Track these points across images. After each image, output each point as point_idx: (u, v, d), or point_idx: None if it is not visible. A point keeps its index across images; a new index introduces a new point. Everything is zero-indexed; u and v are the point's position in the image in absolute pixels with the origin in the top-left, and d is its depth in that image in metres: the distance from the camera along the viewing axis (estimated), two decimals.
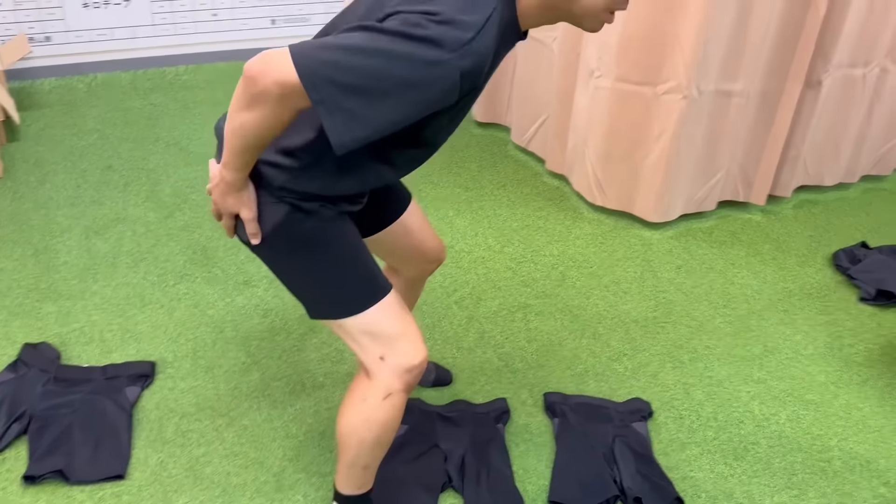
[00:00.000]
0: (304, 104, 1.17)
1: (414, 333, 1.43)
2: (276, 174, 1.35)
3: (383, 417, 1.42)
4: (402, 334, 1.42)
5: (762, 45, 2.63)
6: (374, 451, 1.48)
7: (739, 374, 2.18)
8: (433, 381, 2.06)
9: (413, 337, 1.43)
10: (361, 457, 1.48)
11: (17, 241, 2.55)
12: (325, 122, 1.15)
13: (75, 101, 3.59)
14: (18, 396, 1.92)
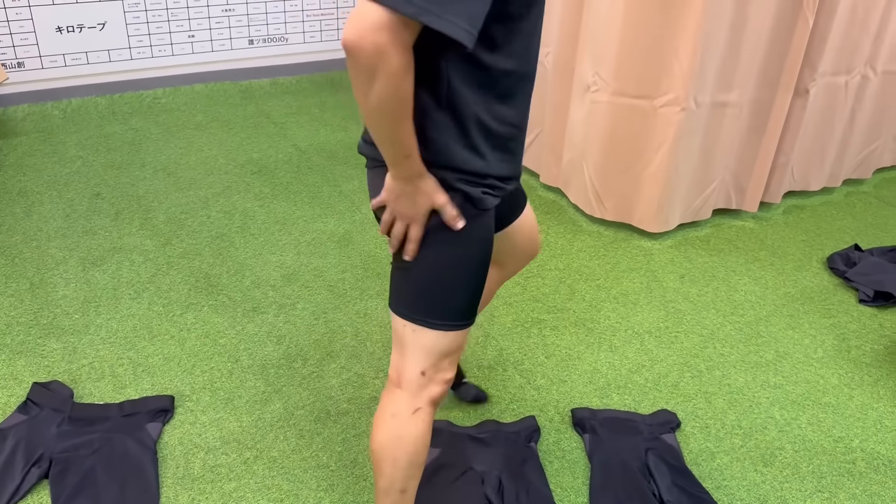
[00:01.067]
0: (411, 32, 1.08)
1: (454, 360, 1.40)
2: (435, 155, 1.25)
3: (414, 433, 1.37)
4: (454, 353, 1.39)
5: (755, 56, 2.69)
6: (408, 472, 1.42)
7: (756, 380, 2.22)
8: (473, 396, 2.04)
9: (457, 357, 1.40)
10: (397, 479, 1.42)
11: (11, 275, 2.46)
12: (439, 24, 1.05)
13: (52, 127, 3.49)
14: (33, 439, 1.84)
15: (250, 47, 4.04)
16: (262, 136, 3.54)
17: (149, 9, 3.69)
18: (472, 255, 1.33)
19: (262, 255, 2.64)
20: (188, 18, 3.81)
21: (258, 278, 2.52)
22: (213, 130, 3.57)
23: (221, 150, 3.38)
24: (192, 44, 3.89)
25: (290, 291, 2.46)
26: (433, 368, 1.36)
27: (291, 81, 4.11)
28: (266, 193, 3.05)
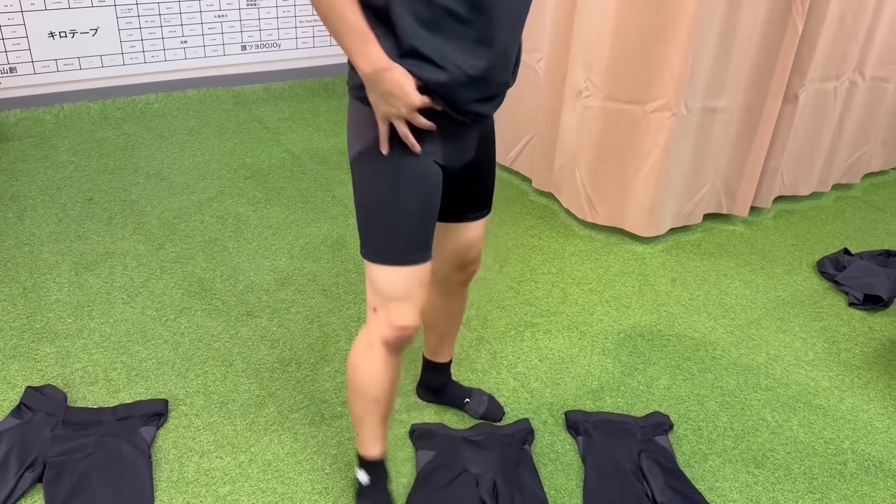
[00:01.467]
0: None
1: (412, 305, 1.45)
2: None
3: (365, 364, 1.50)
4: (401, 299, 1.44)
5: (744, 62, 2.72)
6: (360, 402, 1.55)
7: (748, 382, 2.23)
8: (482, 413, 2.01)
9: (409, 306, 1.44)
10: (353, 405, 1.57)
11: (4, 279, 2.46)
12: None
13: (44, 132, 3.48)
14: (27, 442, 1.84)
15: (243, 53, 4.04)
16: (255, 142, 3.55)
17: (141, 14, 3.70)
18: (401, 190, 1.37)
19: (255, 260, 2.64)
20: (181, 24, 3.82)
21: (251, 283, 2.52)
22: (206, 136, 3.57)
23: (214, 156, 3.38)
24: (185, 49, 3.89)
25: (283, 296, 2.47)
26: (383, 309, 1.45)
27: (284, 87, 4.12)
28: (259, 198, 3.05)
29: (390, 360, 1.50)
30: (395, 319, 1.44)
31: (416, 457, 1.88)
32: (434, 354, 1.98)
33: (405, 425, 1.98)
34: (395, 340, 1.47)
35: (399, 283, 1.43)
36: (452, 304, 1.85)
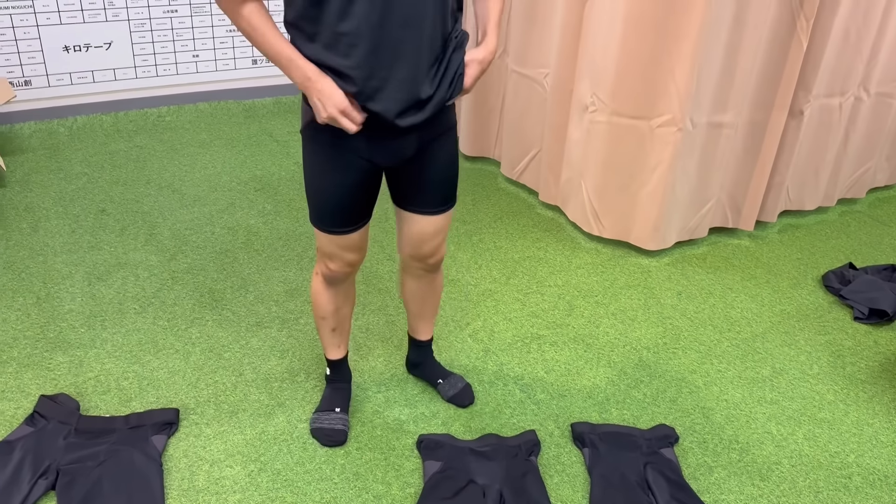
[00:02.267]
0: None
1: (338, 259, 1.78)
2: None
3: (313, 288, 1.91)
4: (327, 255, 1.78)
5: (750, 77, 2.75)
6: (314, 317, 1.96)
7: (753, 395, 2.25)
8: (450, 396, 2.12)
9: (335, 260, 1.78)
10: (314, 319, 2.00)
11: (18, 289, 2.49)
12: None
13: (58, 144, 3.53)
14: (40, 450, 1.87)
15: (254, 67, 4.10)
16: (265, 154, 3.59)
17: (154, 29, 3.75)
18: (323, 174, 1.67)
19: (265, 271, 2.67)
20: (193, 38, 3.87)
21: (262, 293, 2.56)
22: (217, 148, 3.62)
23: (225, 168, 3.43)
24: (197, 63, 3.95)
25: (292, 306, 2.50)
26: (319, 252, 1.81)
27: (294, 100, 4.16)
28: (269, 210, 3.09)
29: (328, 289, 1.87)
30: (326, 264, 1.81)
31: (423, 467, 1.90)
32: (413, 331, 2.15)
33: (413, 436, 2.01)
34: (328, 276, 1.83)
35: (325, 242, 1.76)
36: (421, 288, 2.00)
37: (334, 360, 2.04)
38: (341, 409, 2.02)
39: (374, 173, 1.70)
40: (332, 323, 1.95)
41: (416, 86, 1.55)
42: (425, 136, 1.67)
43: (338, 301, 1.91)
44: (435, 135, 1.69)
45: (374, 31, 1.47)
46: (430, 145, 1.70)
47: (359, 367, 2.24)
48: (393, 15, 1.46)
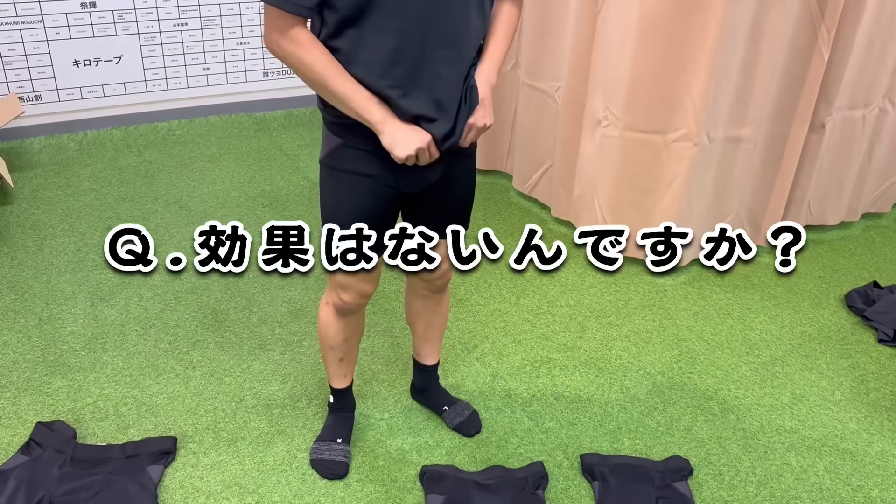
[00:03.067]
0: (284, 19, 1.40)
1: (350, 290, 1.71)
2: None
3: (321, 317, 1.84)
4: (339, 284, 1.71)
5: (768, 90, 2.66)
6: (321, 346, 1.89)
7: (772, 424, 2.16)
8: (456, 425, 2.05)
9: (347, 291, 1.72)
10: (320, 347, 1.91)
11: (20, 310, 2.47)
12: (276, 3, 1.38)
13: (67, 160, 3.52)
14: (35, 481, 1.83)
15: (265, 80, 4.06)
16: (275, 169, 3.55)
17: (164, 42, 3.73)
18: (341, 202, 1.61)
19: (270, 291, 2.63)
20: (203, 52, 3.85)
21: (265, 314, 2.51)
22: (227, 163, 3.58)
23: (234, 183, 3.39)
24: (208, 76, 3.92)
25: (296, 328, 2.44)
26: (332, 283, 1.75)
27: (305, 113, 4.13)
28: None
29: (339, 320, 1.81)
30: (339, 295, 1.74)
31: (425, 501, 1.84)
32: (418, 355, 2.08)
33: (415, 466, 1.94)
34: (340, 308, 1.77)
35: (340, 275, 1.68)
36: (427, 308, 1.95)
37: (339, 388, 1.98)
38: (343, 440, 1.96)
39: (397, 201, 1.66)
40: (340, 353, 1.89)
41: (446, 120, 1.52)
42: (450, 161, 1.63)
43: (347, 332, 1.85)
44: (459, 158, 1.67)
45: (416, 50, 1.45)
46: (454, 169, 1.66)
47: (362, 392, 2.18)
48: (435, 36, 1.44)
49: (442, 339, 2.07)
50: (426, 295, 1.92)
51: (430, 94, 1.48)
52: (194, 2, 3.73)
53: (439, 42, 1.45)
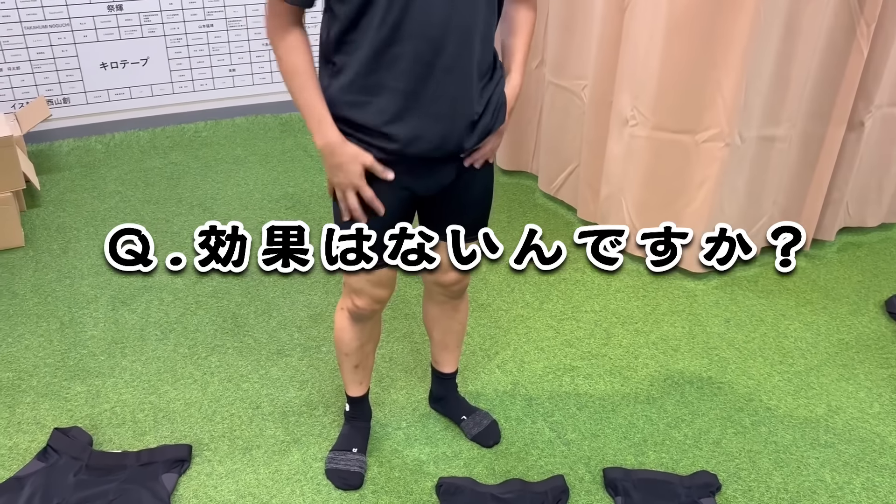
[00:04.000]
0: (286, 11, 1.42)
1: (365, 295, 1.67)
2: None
3: (337, 323, 1.80)
4: (354, 289, 1.67)
5: (804, 88, 2.56)
6: (337, 353, 1.86)
7: (805, 437, 2.07)
8: (474, 435, 2.00)
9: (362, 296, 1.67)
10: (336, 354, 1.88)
11: (42, 314, 2.47)
12: None
13: (94, 162, 3.54)
14: (50, 488, 1.82)
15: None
16: (299, 170, 3.53)
17: (190, 44, 3.74)
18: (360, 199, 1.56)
19: (289, 295, 2.60)
20: (229, 53, 3.85)
21: (285, 319, 2.48)
22: (251, 164, 3.57)
23: (258, 185, 3.38)
24: (233, 77, 3.92)
25: (315, 333, 2.41)
26: (346, 287, 1.70)
27: None
28: None
29: (354, 326, 1.77)
30: (353, 299, 1.70)
31: None
32: (436, 363, 2.03)
33: (432, 478, 1.89)
34: (354, 313, 1.72)
35: (354, 278, 1.64)
36: (444, 314, 1.91)
37: (355, 396, 1.94)
38: (358, 450, 1.92)
39: (412, 203, 1.62)
40: (355, 360, 1.85)
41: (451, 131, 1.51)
42: (464, 168, 1.61)
43: (363, 338, 1.81)
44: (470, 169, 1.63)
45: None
46: (468, 172, 1.62)
47: (380, 400, 2.14)
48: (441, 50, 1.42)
49: (461, 346, 2.02)
50: (443, 301, 1.87)
51: (442, 91, 1.44)
52: (220, 3, 3.73)
53: (450, 39, 1.40)
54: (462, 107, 1.48)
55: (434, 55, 1.41)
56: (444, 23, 1.39)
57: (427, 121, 1.46)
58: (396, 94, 1.43)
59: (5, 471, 1.88)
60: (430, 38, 1.39)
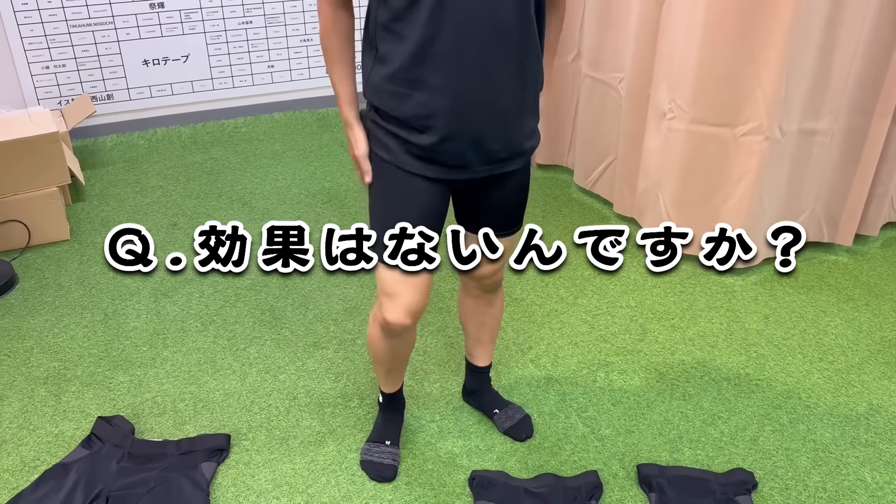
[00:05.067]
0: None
1: (400, 303, 1.59)
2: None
3: (370, 332, 1.75)
4: (389, 295, 1.60)
5: (846, 80, 2.50)
6: (371, 355, 1.82)
7: (845, 436, 2.03)
8: (506, 429, 2.01)
9: (396, 304, 1.59)
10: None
11: (87, 305, 2.54)
12: None
13: (137, 157, 3.62)
14: (94, 474, 1.87)
15: (328, 76, 4.08)
16: (335, 165, 3.56)
17: (230, 41, 3.79)
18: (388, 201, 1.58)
19: (326, 288, 2.63)
20: (268, 49, 3.89)
21: (321, 311, 2.51)
22: (289, 159, 3.62)
23: (295, 180, 3.42)
24: (272, 73, 3.96)
25: (351, 326, 2.44)
26: (379, 297, 1.64)
27: None
28: (335, 223, 3.04)
29: (386, 339, 1.70)
30: (384, 312, 1.62)
31: None
32: (470, 356, 2.04)
33: (465, 471, 1.90)
34: (384, 327, 1.66)
35: (389, 280, 1.59)
36: (479, 307, 1.90)
37: (389, 392, 1.96)
38: (392, 443, 1.94)
39: (446, 197, 1.61)
40: (387, 367, 1.84)
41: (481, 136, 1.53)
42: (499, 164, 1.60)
43: (396, 349, 1.77)
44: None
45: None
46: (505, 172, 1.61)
47: (413, 393, 2.15)
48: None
49: (495, 340, 2.02)
50: (478, 294, 1.88)
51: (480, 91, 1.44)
52: (259, 0, 3.77)
53: (486, 36, 1.40)
54: (499, 111, 1.48)
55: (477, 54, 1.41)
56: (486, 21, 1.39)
57: (462, 120, 1.46)
58: (436, 90, 1.44)
59: (52, 457, 1.94)
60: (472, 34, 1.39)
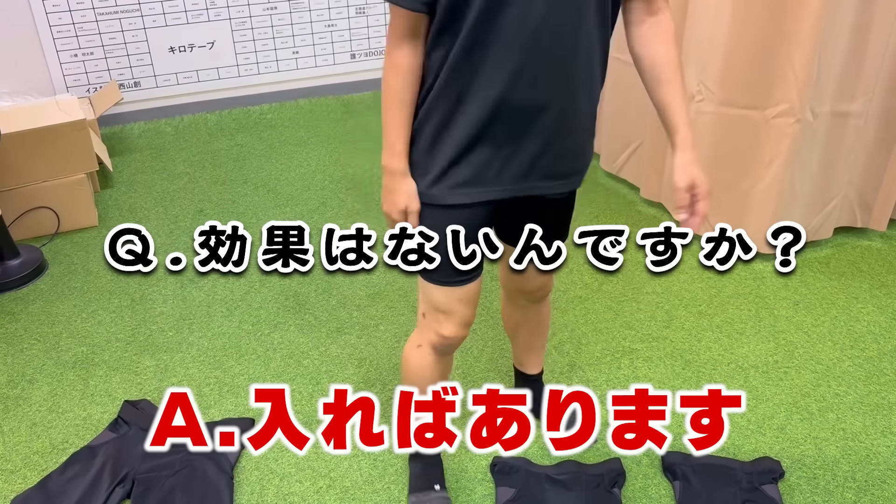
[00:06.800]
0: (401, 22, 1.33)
1: (454, 318, 1.55)
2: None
3: (414, 362, 1.66)
4: (443, 312, 1.55)
5: (882, 61, 2.43)
6: (404, 379, 1.71)
7: (876, 425, 1.98)
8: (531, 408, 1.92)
9: (451, 319, 1.55)
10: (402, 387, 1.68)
11: (115, 291, 2.57)
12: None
13: (164, 144, 3.65)
14: (120, 457, 1.90)
15: (352, 61, 4.08)
16: (359, 152, 3.56)
17: (255, 27, 3.80)
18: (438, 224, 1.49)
19: (349, 274, 2.63)
20: (292, 35, 3.89)
21: (344, 297, 2.52)
22: (313, 146, 3.62)
23: (319, 166, 3.42)
24: (297, 59, 3.97)
25: (374, 312, 2.44)
26: (431, 315, 1.58)
27: None
28: (358, 209, 3.05)
29: (438, 361, 1.65)
30: (439, 328, 1.58)
31: (496, 493, 1.79)
32: (519, 364, 2.00)
33: (486, 458, 1.90)
34: (440, 345, 1.61)
35: (441, 298, 1.55)
36: (527, 319, 1.86)
37: (420, 455, 1.81)
38: (441, 486, 1.79)
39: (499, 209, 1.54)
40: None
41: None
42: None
43: (445, 371, 1.69)
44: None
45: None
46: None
47: None
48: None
49: (545, 346, 1.97)
50: (525, 305, 1.81)
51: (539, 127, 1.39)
52: None
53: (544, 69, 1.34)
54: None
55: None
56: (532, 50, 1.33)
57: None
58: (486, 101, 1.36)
59: (80, 440, 1.98)
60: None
